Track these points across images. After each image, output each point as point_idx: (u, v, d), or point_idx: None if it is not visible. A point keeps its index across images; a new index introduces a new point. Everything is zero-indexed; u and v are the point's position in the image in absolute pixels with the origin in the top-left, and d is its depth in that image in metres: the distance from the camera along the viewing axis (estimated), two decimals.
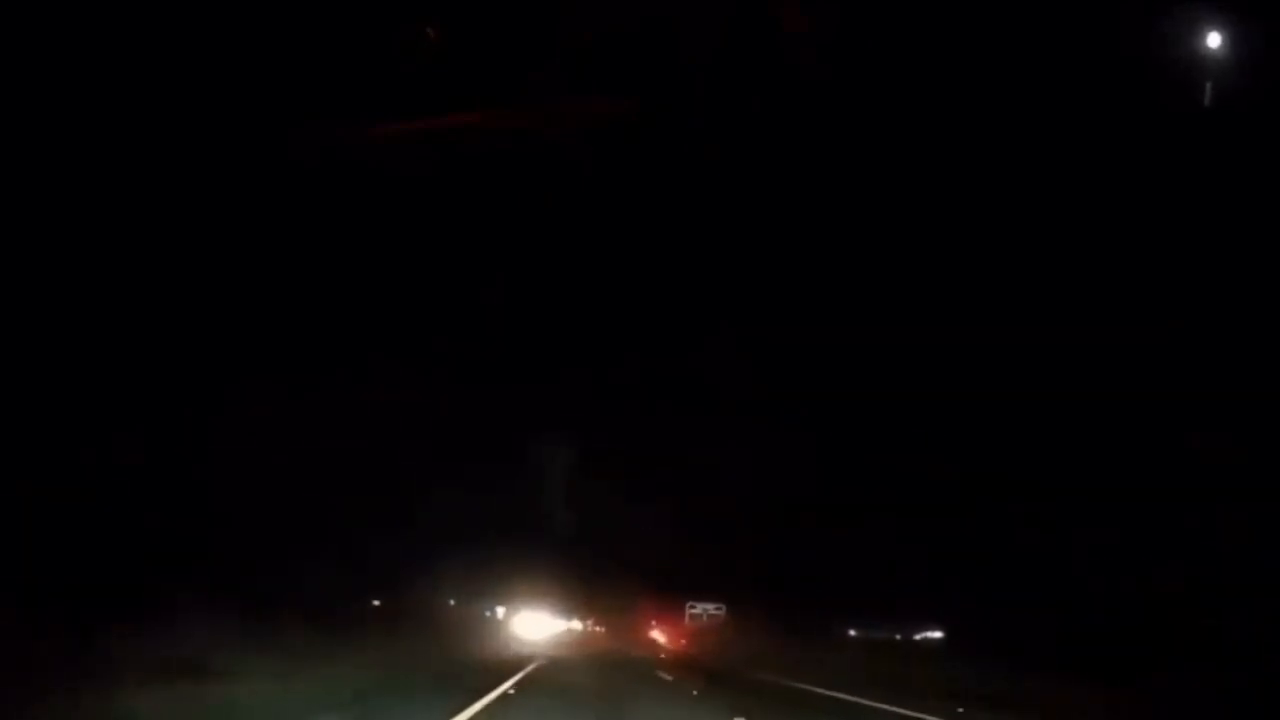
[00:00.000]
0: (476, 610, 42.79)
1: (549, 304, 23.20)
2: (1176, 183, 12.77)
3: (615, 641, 50.02)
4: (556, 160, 12.79)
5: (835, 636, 35.88)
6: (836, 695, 16.42)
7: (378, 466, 22.20)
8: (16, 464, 10.76)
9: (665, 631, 49.15)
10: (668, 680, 20.02)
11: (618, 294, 23.87)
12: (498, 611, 45.08)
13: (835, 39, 10.44)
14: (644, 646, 46.34)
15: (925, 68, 12.05)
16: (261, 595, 15.33)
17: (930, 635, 32.21)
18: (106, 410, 12.46)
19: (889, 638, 35.03)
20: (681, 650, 42.82)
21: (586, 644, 47.40)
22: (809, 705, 15.32)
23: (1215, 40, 9.09)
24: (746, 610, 42.48)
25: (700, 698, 15.34)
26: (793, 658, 26.40)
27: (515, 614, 44.46)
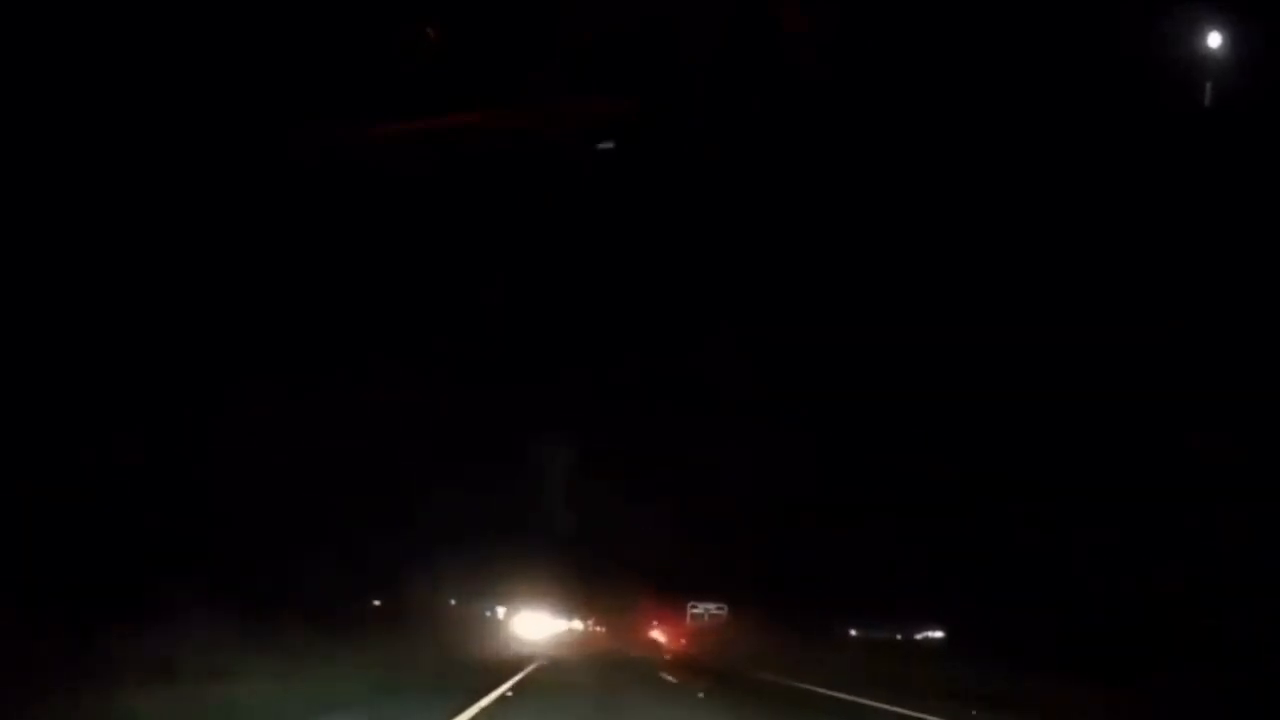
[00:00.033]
0: (477, 610, 42.75)
1: (549, 304, 23.24)
2: (1176, 183, 12.77)
3: (616, 642, 50.00)
4: (556, 160, 12.78)
5: (836, 636, 35.83)
6: (840, 696, 16.39)
7: (378, 466, 22.19)
8: (16, 464, 10.76)
9: (666, 631, 49.06)
10: (672, 682, 19.97)
11: (617, 294, 23.92)
12: (498, 611, 45.04)
13: (835, 39, 10.45)
14: (645, 647, 46.28)
15: (925, 67, 12.05)
16: (261, 595, 15.33)
17: (931, 635, 32.19)
18: (106, 410, 12.46)
19: (890, 638, 35.01)
20: (682, 650, 42.76)
21: (587, 644, 47.39)
22: (816, 706, 15.27)
23: (1215, 40, 9.09)
24: (747, 610, 42.45)
25: (705, 700, 15.28)
26: (794, 658, 26.33)
27: (515, 614, 44.45)
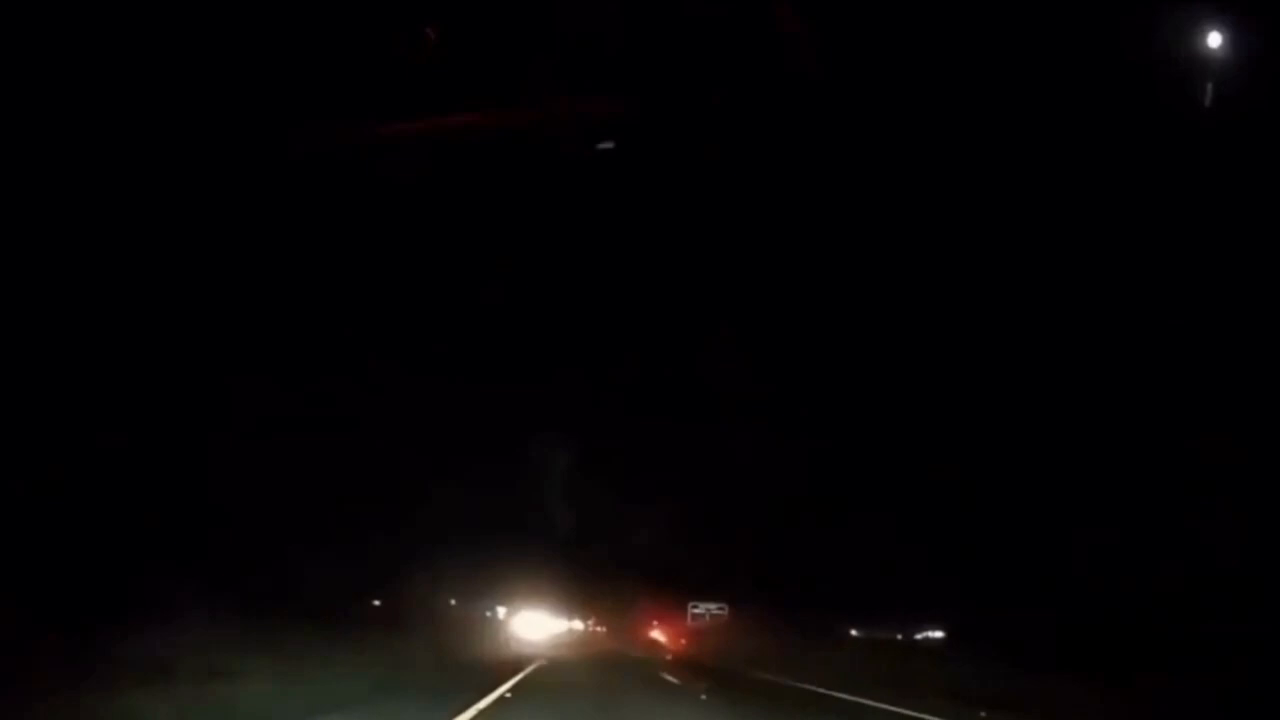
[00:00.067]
0: (476, 610, 42.73)
1: (549, 304, 23.27)
2: (1177, 183, 12.77)
3: (616, 642, 49.98)
4: (556, 160, 12.77)
5: (837, 636, 35.80)
6: (842, 696, 16.36)
7: (378, 466, 22.20)
8: (16, 464, 10.77)
9: (666, 632, 49.03)
10: (673, 683, 19.94)
11: (617, 294, 23.94)
12: (498, 611, 45.03)
13: (835, 39, 10.44)
14: (645, 647, 46.27)
15: (925, 67, 12.04)
16: (261, 594, 15.34)
17: (931, 635, 32.17)
18: (105, 410, 12.46)
19: (890, 638, 34.99)
20: (683, 650, 42.74)
21: (587, 644, 47.38)
22: (819, 707, 15.24)
23: (1215, 40, 9.09)
24: (747, 610, 42.45)
25: (708, 701, 15.25)
26: (795, 658, 26.29)
27: (515, 614, 44.42)
